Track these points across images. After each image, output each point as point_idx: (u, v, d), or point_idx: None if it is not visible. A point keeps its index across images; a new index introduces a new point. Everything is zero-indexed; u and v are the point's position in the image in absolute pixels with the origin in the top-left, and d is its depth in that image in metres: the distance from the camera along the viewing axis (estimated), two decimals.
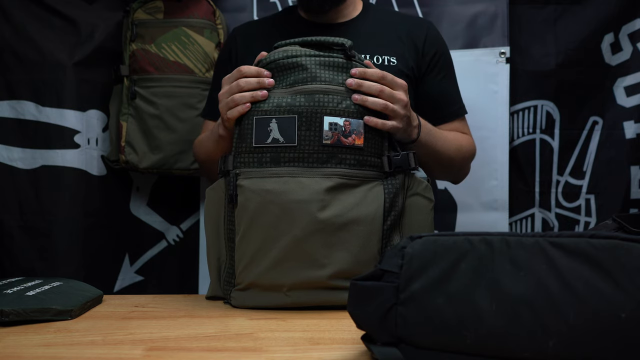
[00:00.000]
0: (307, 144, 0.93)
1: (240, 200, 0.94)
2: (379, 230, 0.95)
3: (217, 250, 1.02)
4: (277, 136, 0.94)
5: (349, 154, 0.94)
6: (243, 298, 0.96)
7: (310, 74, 0.95)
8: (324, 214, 0.91)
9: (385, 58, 1.21)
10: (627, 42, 1.56)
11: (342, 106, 0.94)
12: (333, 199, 0.92)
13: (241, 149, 0.96)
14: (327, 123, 0.93)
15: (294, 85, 0.95)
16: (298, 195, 0.91)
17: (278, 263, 0.92)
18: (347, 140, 0.94)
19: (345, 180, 0.93)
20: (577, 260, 0.54)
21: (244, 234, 0.94)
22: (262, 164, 0.94)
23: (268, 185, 0.92)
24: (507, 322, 0.54)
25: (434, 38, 1.27)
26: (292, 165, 0.93)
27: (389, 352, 0.60)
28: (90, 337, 0.75)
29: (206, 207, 1.03)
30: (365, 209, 0.94)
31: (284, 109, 0.94)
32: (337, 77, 0.96)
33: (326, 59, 0.96)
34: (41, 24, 1.45)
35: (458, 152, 1.21)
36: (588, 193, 1.59)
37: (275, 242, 0.92)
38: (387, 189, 0.96)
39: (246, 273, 0.94)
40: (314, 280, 0.92)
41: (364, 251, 0.93)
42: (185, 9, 1.48)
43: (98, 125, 1.51)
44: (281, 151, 0.93)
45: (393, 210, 0.97)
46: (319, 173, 0.93)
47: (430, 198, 1.01)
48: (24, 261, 1.42)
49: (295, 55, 0.96)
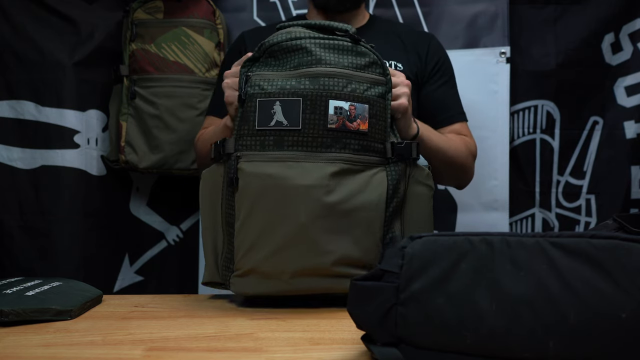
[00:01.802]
0: (312, 127, 0.91)
1: (240, 184, 0.92)
2: (381, 216, 0.94)
3: (213, 233, 0.99)
4: (281, 119, 0.91)
5: (353, 139, 0.92)
6: (243, 284, 0.94)
7: (314, 56, 0.93)
8: (330, 198, 0.90)
9: (392, 63, 1.25)
10: (627, 42, 1.55)
11: (348, 90, 0.92)
12: (337, 184, 0.91)
13: (243, 132, 0.93)
14: (333, 107, 0.91)
15: (298, 67, 0.93)
16: (302, 180, 0.90)
17: (280, 249, 0.90)
18: (352, 125, 0.92)
19: (349, 165, 0.92)
20: (578, 260, 0.54)
21: (244, 219, 0.92)
22: (264, 147, 0.91)
23: (270, 169, 0.90)
24: (507, 322, 0.54)
25: (436, 48, 1.31)
26: (296, 149, 0.91)
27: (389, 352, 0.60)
28: (90, 337, 0.75)
29: (202, 190, 1.00)
30: (369, 195, 0.93)
31: (288, 91, 0.91)
32: (343, 60, 0.93)
33: (331, 41, 0.94)
34: (41, 24, 1.45)
35: (456, 152, 1.22)
36: (588, 193, 1.59)
37: (277, 228, 0.90)
38: (390, 175, 0.95)
39: (246, 259, 0.92)
40: (317, 267, 0.91)
41: (366, 238, 0.92)
42: (185, 9, 1.48)
43: (98, 125, 1.51)
44: (285, 134, 0.91)
45: (395, 197, 0.95)
46: (323, 158, 0.91)
47: (431, 186, 1.00)
48: (23, 261, 1.42)
49: (299, 37, 0.94)
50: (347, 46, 0.94)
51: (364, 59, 0.94)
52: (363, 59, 0.94)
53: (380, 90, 0.95)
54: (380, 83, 0.95)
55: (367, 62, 0.94)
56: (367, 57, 0.95)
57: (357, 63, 0.94)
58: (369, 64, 0.95)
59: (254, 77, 0.94)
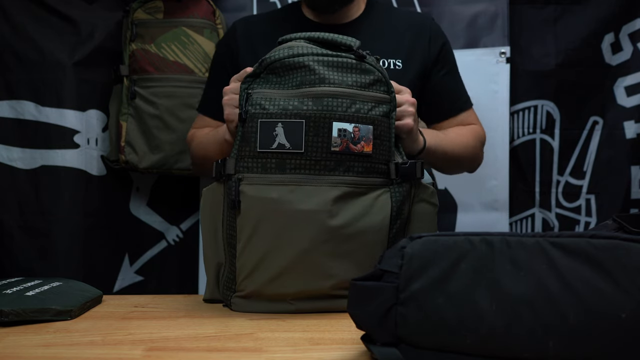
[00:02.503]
0: (315, 150, 0.88)
1: (242, 207, 0.90)
2: (385, 239, 0.92)
3: (214, 252, 0.99)
4: (284, 142, 0.89)
5: (356, 162, 0.90)
6: (244, 305, 0.93)
7: (318, 75, 0.90)
8: (333, 223, 0.88)
9: (391, 62, 1.22)
10: (627, 41, 1.55)
11: (352, 110, 0.89)
12: (340, 208, 0.89)
13: (244, 153, 0.90)
14: (336, 129, 0.88)
15: (301, 86, 0.90)
16: (304, 204, 0.88)
17: (283, 274, 0.90)
18: (356, 147, 0.89)
19: (352, 188, 0.90)
20: (578, 260, 0.54)
21: (246, 242, 0.91)
22: (266, 170, 0.89)
23: (273, 193, 0.88)
24: (507, 322, 0.54)
25: (437, 32, 1.29)
26: (298, 172, 0.89)
27: (389, 352, 0.60)
28: (90, 337, 0.75)
29: (203, 208, 1.00)
30: (373, 218, 0.91)
31: (291, 112, 0.89)
32: (347, 78, 0.90)
33: (335, 59, 0.91)
34: (41, 24, 1.45)
35: (465, 148, 1.22)
36: (588, 193, 1.59)
37: (280, 252, 0.89)
38: (395, 197, 0.93)
39: (248, 281, 0.92)
40: (319, 290, 0.91)
41: (369, 260, 0.90)
42: (185, 8, 1.48)
43: (98, 125, 1.51)
44: (287, 157, 0.88)
45: (399, 218, 0.94)
46: (326, 181, 0.89)
47: (435, 203, 0.98)
48: (23, 261, 1.42)
49: (301, 54, 0.91)
50: (351, 64, 0.91)
51: (369, 77, 0.91)
52: (367, 76, 0.91)
53: (385, 109, 0.92)
54: (385, 101, 0.92)
55: (371, 80, 0.91)
56: (371, 75, 0.92)
57: (361, 82, 0.91)
58: (373, 82, 0.92)
59: (255, 95, 0.91)
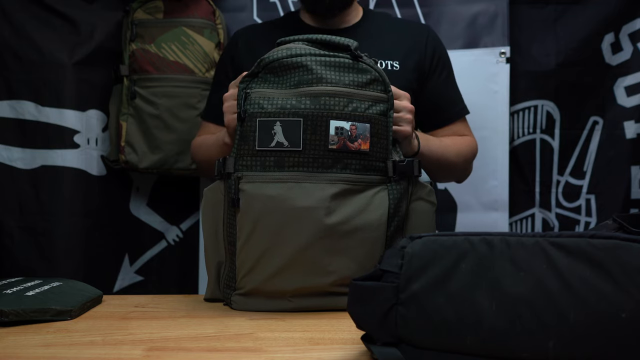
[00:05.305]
0: (313, 148, 0.90)
1: (242, 205, 0.92)
2: (383, 236, 0.93)
3: (215, 251, 1.00)
4: (282, 140, 0.90)
5: (354, 159, 0.92)
6: (244, 302, 0.94)
7: (315, 75, 0.91)
8: (331, 220, 0.90)
9: (388, 63, 1.23)
10: (627, 41, 1.55)
11: (349, 109, 0.91)
12: (338, 205, 0.90)
13: (243, 152, 0.92)
14: (334, 127, 0.90)
15: (299, 86, 0.92)
16: (303, 201, 0.89)
17: (282, 270, 0.91)
18: (353, 145, 0.91)
19: (350, 185, 0.91)
20: (578, 260, 0.54)
21: (246, 239, 0.92)
22: (265, 168, 0.91)
23: (272, 190, 0.90)
24: (507, 322, 0.54)
25: (434, 40, 1.30)
26: (296, 170, 0.90)
27: (389, 352, 0.60)
28: (90, 337, 0.75)
29: (204, 207, 1.01)
30: (370, 215, 0.92)
31: (289, 111, 0.90)
32: (344, 78, 0.92)
33: (332, 59, 0.93)
34: (41, 24, 1.45)
35: (458, 157, 1.23)
36: (588, 193, 1.59)
37: (279, 250, 0.90)
38: (392, 195, 0.94)
39: (248, 279, 0.93)
40: (318, 287, 0.92)
41: (368, 258, 0.92)
42: (185, 8, 1.48)
43: (98, 125, 1.51)
44: (285, 155, 0.90)
45: (397, 215, 0.95)
46: (324, 179, 0.90)
47: (433, 202, 1.00)
48: (23, 261, 1.42)
49: (299, 55, 0.93)
50: (348, 63, 0.93)
51: (366, 77, 0.93)
52: (364, 76, 0.93)
53: (382, 107, 0.94)
54: (382, 100, 0.94)
55: (368, 80, 0.93)
56: (368, 74, 0.93)
57: (358, 81, 0.93)
58: (370, 81, 0.93)
59: (253, 94, 0.93)
